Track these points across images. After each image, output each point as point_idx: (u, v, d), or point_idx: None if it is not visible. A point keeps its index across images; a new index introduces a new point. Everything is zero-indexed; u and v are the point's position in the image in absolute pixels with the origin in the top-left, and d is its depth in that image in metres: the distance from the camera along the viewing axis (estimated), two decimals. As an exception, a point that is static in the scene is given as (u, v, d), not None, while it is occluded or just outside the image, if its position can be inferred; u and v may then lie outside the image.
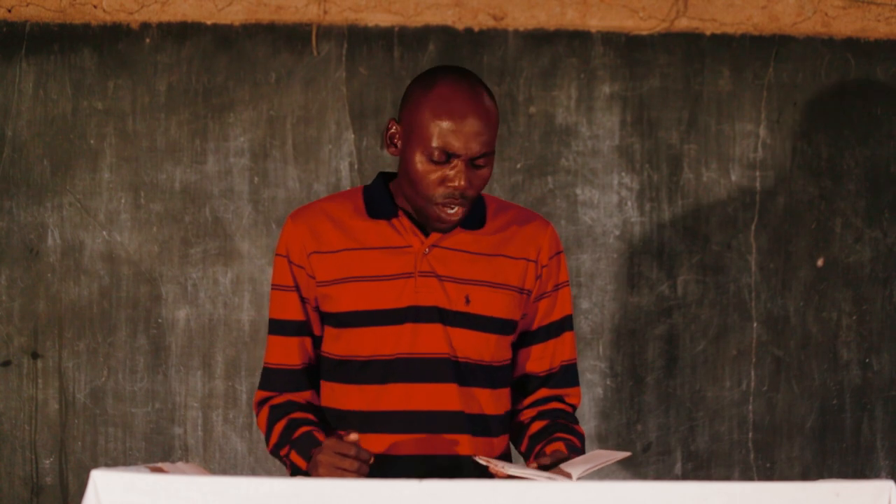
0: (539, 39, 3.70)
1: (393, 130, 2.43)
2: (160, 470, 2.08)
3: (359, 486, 1.96)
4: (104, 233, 3.67)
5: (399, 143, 2.42)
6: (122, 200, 3.67)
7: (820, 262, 3.73)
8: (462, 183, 2.34)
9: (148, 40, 3.68)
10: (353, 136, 3.69)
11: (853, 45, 3.73)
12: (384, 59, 3.69)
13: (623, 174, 3.71)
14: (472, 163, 2.35)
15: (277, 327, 2.52)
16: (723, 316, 3.71)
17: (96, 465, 2.55)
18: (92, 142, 3.67)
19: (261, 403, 2.54)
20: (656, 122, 3.72)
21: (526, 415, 2.53)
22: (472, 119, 2.34)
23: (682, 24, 3.72)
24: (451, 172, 2.35)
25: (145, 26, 3.68)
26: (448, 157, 2.35)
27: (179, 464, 2.21)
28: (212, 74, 3.68)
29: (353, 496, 1.94)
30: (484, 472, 2.29)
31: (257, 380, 3.65)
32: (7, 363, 3.66)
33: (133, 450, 3.65)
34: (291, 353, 2.51)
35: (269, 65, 3.69)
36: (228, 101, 3.68)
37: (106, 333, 3.66)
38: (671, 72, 3.72)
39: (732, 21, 3.72)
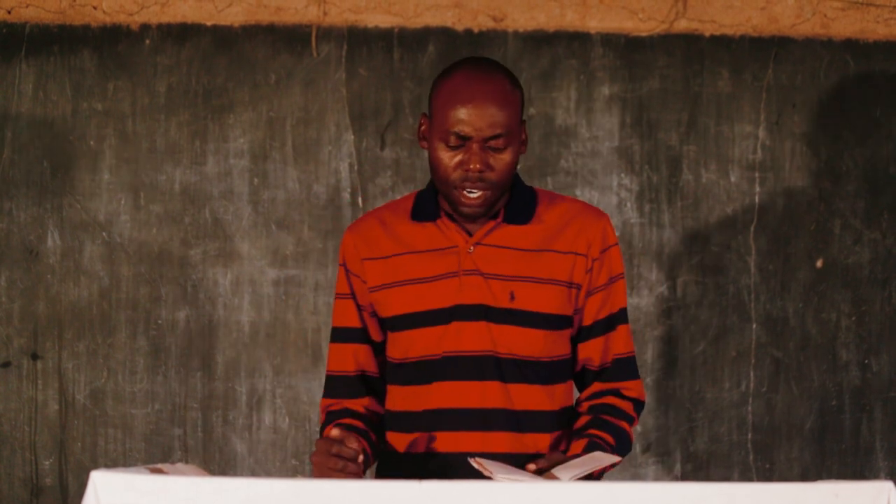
0: (538, 41, 3.71)
1: (423, 126, 2.48)
2: (160, 471, 2.08)
3: (359, 486, 1.96)
4: (104, 234, 3.67)
5: (427, 137, 2.46)
6: (122, 201, 3.68)
7: (819, 264, 3.73)
8: (477, 165, 2.37)
9: (148, 42, 3.68)
10: (352, 137, 3.69)
11: (852, 47, 3.74)
12: (384, 60, 3.69)
13: (622, 175, 3.71)
14: (487, 145, 2.38)
15: (336, 335, 2.56)
16: (722, 317, 3.71)
17: (96, 466, 2.55)
18: (92, 143, 3.68)
19: (323, 411, 2.59)
20: (656, 123, 3.72)
21: (581, 408, 2.54)
22: (482, 101, 2.37)
23: (682, 25, 3.72)
24: (467, 156, 2.38)
25: (145, 28, 3.68)
26: (462, 140, 2.38)
27: (179, 465, 2.21)
28: (212, 76, 3.68)
29: (353, 496, 1.94)
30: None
31: (256, 380, 3.66)
32: (7, 364, 3.66)
33: (133, 451, 3.65)
34: (347, 360, 2.55)
35: (268, 66, 3.69)
36: (228, 103, 3.69)
37: (106, 334, 3.66)
38: (670, 73, 3.72)
39: (732, 22, 3.72)
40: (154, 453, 3.64)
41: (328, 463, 2.27)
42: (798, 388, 3.72)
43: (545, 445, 2.46)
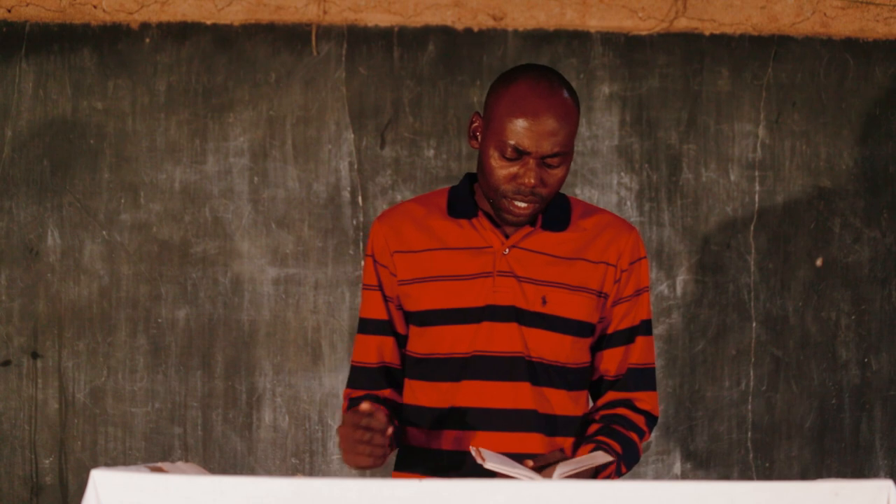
0: (538, 39, 3.70)
1: (476, 124, 2.46)
2: (160, 469, 2.08)
3: (358, 485, 1.96)
4: (104, 233, 3.67)
5: (479, 137, 2.45)
6: (122, 200, 3.68)
7: (819, 262, 3.74)
8: (531, 181, 2.36)
9: (148, 40, 3.68)
10: (352, 135, 3.69)
11: (852, 46, 3.74)
12: (384, 59, 3.69)
13: (622, 174, 3.71)
14: (543, 161, 2.37)
15: (363, 326, 2.56)
16: (722, 316, 3.71)
17: (96, 465, 2.56)
18: (92, 142, 3.68)
19: (345, 398, 2.59)
20: (655, 122, 3.72)
21: (594, 416, 2.54)
22: (545, 118, 2.35)
23: (682, 24, 3.72)
24: (522, 170, 2.37)
25: (145, 26, 3.68)
26: (519, 154, 2.36)
27: (179, 463, 2.21)
28: (211, 74, 3.68)
29: (353, 496, 1.94)
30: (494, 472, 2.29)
31: (256, 379, 3.66)
32: (7, 363, 3.66)
33: (133, 449, 3.65)
34: (370, 351, 2.55)
35: (268, 65, 3.69)
36: (228, 101, 3.69)
37: (106, 333, 3.66)
38: (670, 72, 3.72)
39: (731, 21, 3.72)
40: (154, 452, 3.64)
41: (355, 435, 2.27)
42: (798, 386, 3.72)
43: (572, 449, 2.46)
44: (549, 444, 2.43)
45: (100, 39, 3.67)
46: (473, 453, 2.14)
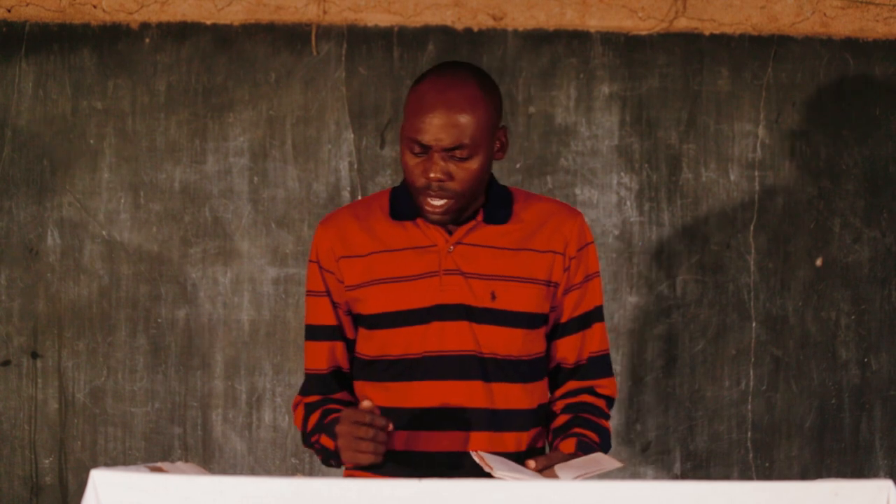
0: (538, 39, 3.71)
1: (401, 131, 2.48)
2: (160, 469, 2.08)
3: (358, 485, 1.96)
4: (104, 232, 3.67)
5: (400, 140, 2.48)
6: (122, 200, 3.68)
7: (819, 262, 3.73)
8: (436, 174, 2.37)
9: (147, 40, 3.68)
10: (352, 135, 3.69)
11: (852, 46, 3.74)
12: (384, 59, 3.69)
13: (622, 174, 3.71)
14: (451, 156, 2.37)
15: (311, 332, 2.56)
16: (722, 316, 3.71)
17: (96, 465, 2.56)
18: (91, 141, 3.68)
19: (296, 406, 2.58)
20: (655, 122, 3.72)
21: (556, 406, 2.55)
22: (441, 111, 2.36)
23: (681, 24, 3.72)
24: (428, 164, 2.38)
25: (145, 26, 3.68)
26: (424, 148, 2.38)
27: (179, 463, 2.21)
28: (211, 74, 3.68)
29: (353, 495, 1.94)
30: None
31: (257, 379, 3.66)
32: (7, 363, 3.66)
33: (133, 449, 3.65)
34: (322, 357, 2.55)
35: (268, 65, 3.69)
36: (228, 101, 3.69)
37: (105, 333, 3.66)
38: (670, 72, 3.72)
39: (731, 21, 3.72)
40: (154, 452, 3.64)
41: (358, 432, 2.27)
42: (798, 386, 3.72)
43: (524, 443, 2.47)
44: (497, 440, 2.43)
45: (100, 39, 3.67)
46: (477, 460, 2.14)
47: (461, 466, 2.39)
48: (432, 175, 2.37)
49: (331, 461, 2.44)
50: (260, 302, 3.66)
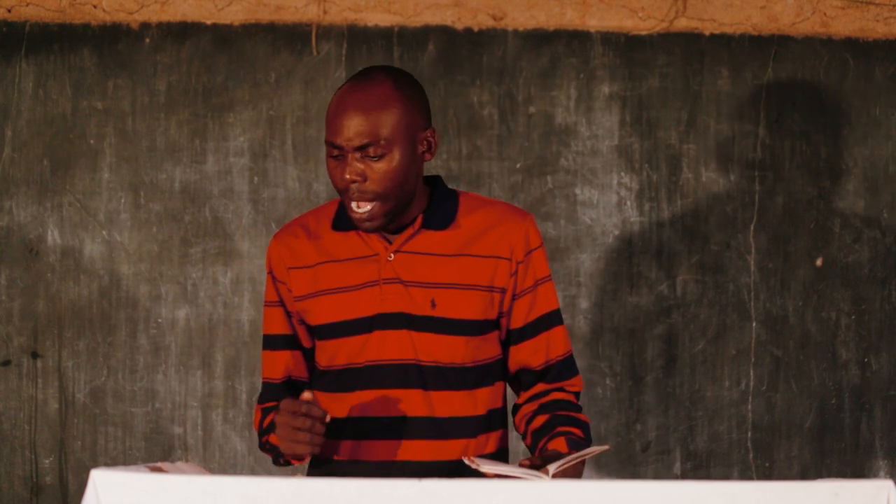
0: (538, 39, 3.71)
1: None
2: (160, 469, 2.08)
3: (358, 485, 1.96)
4: (104, 232, 3.67)
5: None
6: (122, 200, 3.68)
7: (819, 262, 3.74)
8: (350, 175, 2.36)
9: (148, 40, 3.68)
10: (352, 135, 3.68)
11: (852, 46, 3.74)
12: (384, 59, 3.69)
13: (622, 174, 3.71)
14: (363, 155, 2.36)
15: (267, 342, 2.57)
16: (722, 316, 3.71)
17: (96, 465, 2.56)
18: (92, 141, 3.68)
19: (258, 411, 2.59)
20: (655, 121, 3.72)
21: (527, 409, 2.53)
22: (349, 111, 2.36)
23: (682, 24, 3.72)
24: (344, 165, 2.37)
25: (145, 26, 3.68)
26: (338, 150, 2.37)
27: (179, 463, 2.21)
28: (211, 74, 3.68)
29: (352, 495, 1.94)
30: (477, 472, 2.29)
31: (257, 379, 3.66)
32: (7, 363, 3.66)
33: (133, 449, 3.65)
34: (278, 367, 2.56)
35: (268, 65, 3.69)
36: (228, 101, 3.69)
37: (106, 333, 3.66)
38: (670, 72, 3.72)
39: (731, 21, 3.72)
40: (154, 452, 3.64)
41: (295, 423, 2.26)
42: (798, 386, 3.72)
43: (471, 450, 2.46)
44: (440, 448, 2.43)
45: (100, 39, 3.67)
46: (468, 463, 2.14)
47: (406, 476, 2.38)
48: (347, 176, 2.36)
49: (280, 459, 2.45)
50: (260, 302, 3.66)
